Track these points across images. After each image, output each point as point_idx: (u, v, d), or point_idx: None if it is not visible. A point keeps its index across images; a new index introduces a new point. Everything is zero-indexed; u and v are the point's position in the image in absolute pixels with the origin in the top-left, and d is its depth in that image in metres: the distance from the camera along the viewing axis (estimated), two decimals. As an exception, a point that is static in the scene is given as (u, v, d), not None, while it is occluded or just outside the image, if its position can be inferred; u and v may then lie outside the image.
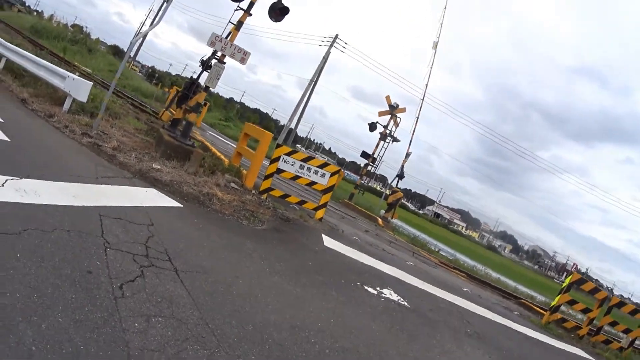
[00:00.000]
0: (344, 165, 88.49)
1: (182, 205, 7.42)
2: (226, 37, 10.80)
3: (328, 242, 9.36)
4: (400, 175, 26.95)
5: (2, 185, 5.19)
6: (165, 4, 10.74)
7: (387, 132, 27.83)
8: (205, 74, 11.13)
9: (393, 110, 27.42)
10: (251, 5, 11.03)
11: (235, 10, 11.09)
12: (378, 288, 7.61)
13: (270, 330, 4.37)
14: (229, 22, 11.16)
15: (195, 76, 11.53)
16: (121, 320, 3.50)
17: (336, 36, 34.62)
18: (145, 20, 66.59)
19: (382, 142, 28.03)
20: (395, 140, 28.17)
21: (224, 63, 11.00)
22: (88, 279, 3.89)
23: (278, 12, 11.38)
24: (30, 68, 13.56)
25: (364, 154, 28.04)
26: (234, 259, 6.01)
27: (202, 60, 11.25)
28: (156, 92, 36.45)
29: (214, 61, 10.98)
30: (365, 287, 7.36)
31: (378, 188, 63.00)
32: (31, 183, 5.62)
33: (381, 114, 27.65)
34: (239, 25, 11.05)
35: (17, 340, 2.86)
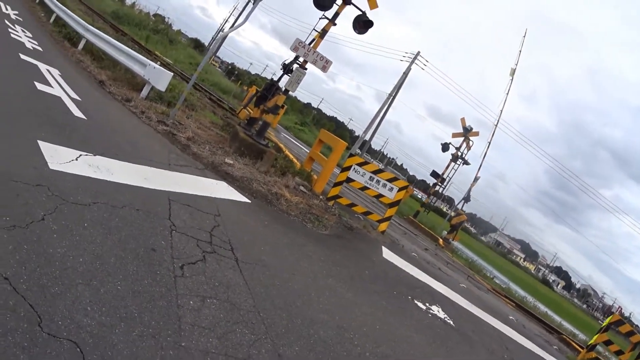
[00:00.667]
0: (413, 182, 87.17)
1: (250, 201, 7.56)
2: (309, 44, 10.92)
3: (387, 254, 9.33)
4: (467, 199, 26.59)
5: (76, 160, 5.45)
6: (251, 5, 10.99)
7: (459, 154, 27.47)
8: (285, 78, 11.34)
9: (467, 133, 27.11)
10: (336, 15, 11.13)
11: (320, 18, 11.23)
12: (427, 304, 7.61)
13: (317, 327, 4.43)
14: (313, 29, 11.32)
15: (275, 78, 11.76)
16: (177, 297, 3.64)
17: (418, 53, 34.60)
18: (229, 17, 68.08)
19: (452, 164, 27.71)
20: (465, 163, 27.77)
21: (306, 69, 11.07)
22: (151, 255, 4.07)
23: (362, 25, 11.41)
24: (110, 52, 14.05)
25: (434, 174, 27.79)
26: (293, 258, 6.11)
27: (284, 63, 11.47)
28: (235, 89, 37.18)
29: (295, 66, 11.13)
30: (415, 301, 7.36)
31: (444, 209, 61.81)
32: (104, 161, 5.87)
33: (455, 135, 27.42)
34: (323, 33, 11.16)
35: (73, 298, 3.05)
